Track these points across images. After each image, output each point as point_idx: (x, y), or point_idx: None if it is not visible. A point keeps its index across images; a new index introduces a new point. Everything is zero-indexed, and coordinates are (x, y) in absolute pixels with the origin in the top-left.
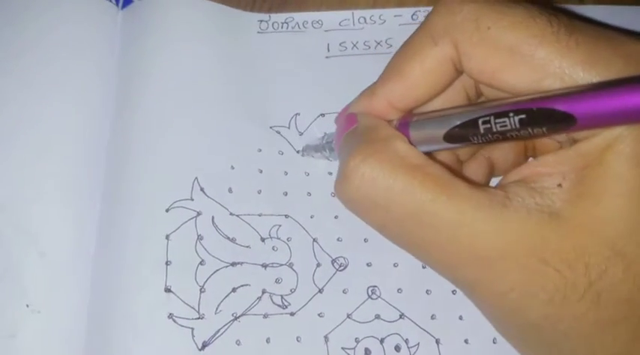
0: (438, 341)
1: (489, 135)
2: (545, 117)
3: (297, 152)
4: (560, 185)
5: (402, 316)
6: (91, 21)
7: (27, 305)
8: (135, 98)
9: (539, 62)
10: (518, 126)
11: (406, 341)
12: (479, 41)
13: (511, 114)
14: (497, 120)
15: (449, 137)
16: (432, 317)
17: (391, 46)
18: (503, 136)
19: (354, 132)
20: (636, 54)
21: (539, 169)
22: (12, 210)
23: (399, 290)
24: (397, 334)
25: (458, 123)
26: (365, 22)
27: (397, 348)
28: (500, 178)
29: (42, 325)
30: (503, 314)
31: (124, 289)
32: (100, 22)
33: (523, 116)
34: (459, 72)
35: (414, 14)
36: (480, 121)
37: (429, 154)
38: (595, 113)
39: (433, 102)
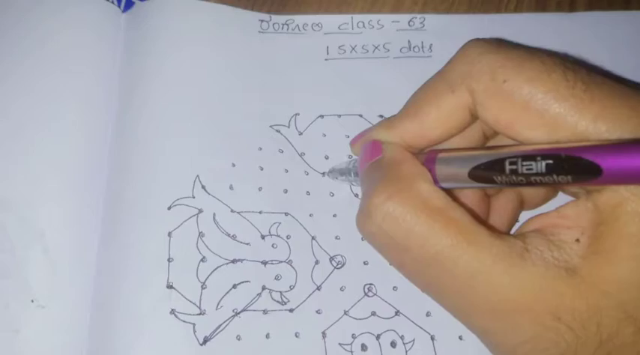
0: (432, 338)
1: (514, 177)
2: (571, 166)
3: (322, 174)
4: (578, 240)
5: (397, 313)
6: (93, 24)
7: (32, 301)
8: (137, 98)
9: (553, 117)
10: (544, 171)
11: (402, 337)
12: (494, 93)
13: (539, 158)
14: (525, 163)
15: (473, 175)
16: (427, 314)
17: (388, 50)
18: (527, 180)
19: (378, 165)
20: None
21: (559, 221)
22: (17, 207)
23: (395, 288)
24: (393, 330)
25: (484, 161)
26: (363, 26)
27: (393, 344)
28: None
29: (46, 320)
30: None
31: (127, 285)
32: (102, 24)
33: (550, 162)
34: (474, 118)
35: (410, 21)
36: (507, 162)
37: (453, 192)
38: (622, 168)
39: (451, 139)
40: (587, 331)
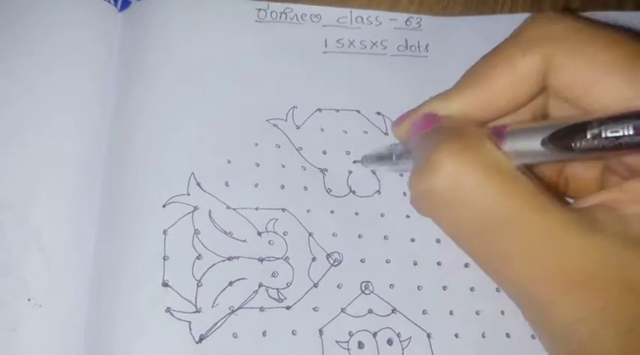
0: (429, 335)
1: (596, 142)
2: None
3: (354, 162)
4: None
5: (394, 311)
6: (90, 23)
7: (28, 299)
8: (133, 97)
9: (633, 82)
10: (632, 132)
11: (398, 335)
12: (575, 53)
13: (626, 121)
14: (611, 125)
15: (549, 144)
16: (424, 312)
17: (386, 47)
18: (612, 145)
19: (437, 130)
20: None
21: (623, 196)
22: (13, 206)
23: (392, 286)
24: (389, 328)
25: (562, 127)
26: (362, 21)
27: (389, 342)
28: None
29: (43, 319)
30: (572, 342)
31: (123, 284)
32: (99, 24)
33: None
34: (541, 88)
35: (407, 20)
36: (595, 123)
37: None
38: None
39: (502, 120)
40: None
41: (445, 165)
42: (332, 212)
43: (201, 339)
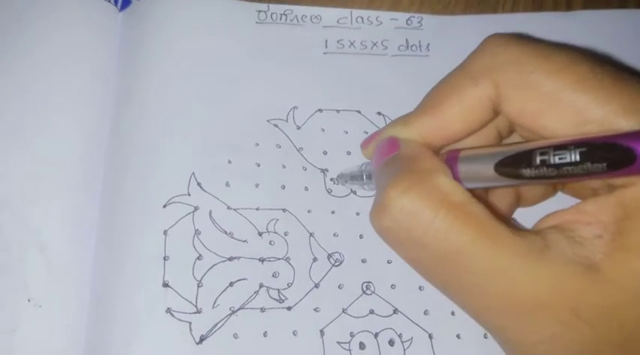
0: (430, 336)
1: (544, 169)
2: (606, 153)
3: (331, 179)
4: (600, 236)
5: (395, 311)
6: (90, 23)
7: (28, 300)
8: (133, 96)
9: (580, 108)
10: (577, 159)
11: (400, 335)
12: (521, 84)
13: (572, 147)
14: (557, 152)
15: (500, 170)
16: (425, 312)
17: (386, 47)
18: (558, 172)
19: (395, 159)
20: None
21: (579, 217)
22: (14, 206)
23: (393, 286)
24: (391, 329)
25: (512, 153)
26: (362, 21)
27: (391, 343)
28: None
29: (43, 319)
30: None
31: (123, 284)
32: (99, 23)
33: (584, 149)
34: (496, 113)
35: (408, 19)
36: (538, 153)
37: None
38: None
39: (465, 140)
40: (608, 328)
41: (394, 206)
42: (333, 212)
43: (201, 340)
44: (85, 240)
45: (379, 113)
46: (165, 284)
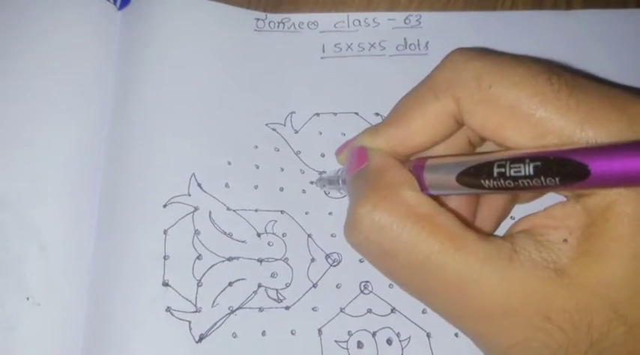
0: (428, 335)
1: (501, 181)
2: (559, 168)
3: (311, 183)
4: (566, 240)
5: (393, 310)
6: (89, 22)
7: (27, 298)
8: (133, 96)
9: (539, 121)
10: (532, 173)
11: (398, 334)
12: (480, 99)
13: (527, 161)
14: (513, 166)
15: (461, 180)
16: (423, 311)
17: (384, 48)
18: (515, 184)
19: (363, 173)
20: None
21: (547, 221)
22: (13, 205)
23: (391, 286)
24: (389, 328)
25: (472, 165)
26: (359, 24)
27: (389, 342)
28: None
29: (42, 318)
30: None
31: (123, 283)
32: (98, 22)
33: (538, 163)
34: (460, 125)
35: (406, 18)
36: (495, 165)
37: (440, 196)
38: (609, 170)
39: (436, 147)
40: (577, 331)
41: (364, 223)
42: (330, 214)
43: (201, 339)
44: (84, 239)
45: (377, 114)
46: (165, 284)
